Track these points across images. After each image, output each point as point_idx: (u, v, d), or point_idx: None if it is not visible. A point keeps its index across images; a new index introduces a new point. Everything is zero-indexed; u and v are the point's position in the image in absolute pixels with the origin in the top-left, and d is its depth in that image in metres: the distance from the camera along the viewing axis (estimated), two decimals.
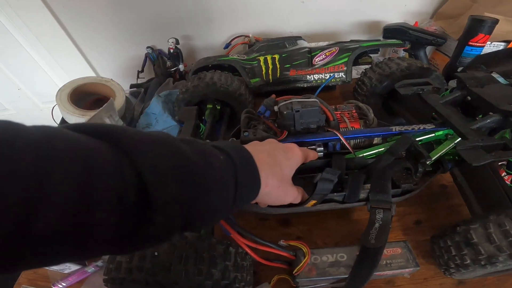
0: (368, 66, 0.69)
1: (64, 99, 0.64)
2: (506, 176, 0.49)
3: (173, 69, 0.90)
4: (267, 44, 0.74)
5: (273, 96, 0.49)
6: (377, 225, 0.36)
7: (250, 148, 0.29)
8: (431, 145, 0.45)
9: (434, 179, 0.52)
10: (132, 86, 0.90)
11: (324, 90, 0.70)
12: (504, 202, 0.40)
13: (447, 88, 0.67)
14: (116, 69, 0.99)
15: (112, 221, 0.16)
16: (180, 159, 0.20)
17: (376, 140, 0.46)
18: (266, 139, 0.37)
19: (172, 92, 0.76)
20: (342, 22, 0.96)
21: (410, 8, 0.95)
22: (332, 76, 0.74)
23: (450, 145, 0.42)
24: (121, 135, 0.19)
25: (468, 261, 0.36)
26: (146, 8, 0.86)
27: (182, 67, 0.90)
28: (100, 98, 0.74)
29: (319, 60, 0.72)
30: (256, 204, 0.40)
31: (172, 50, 0.88)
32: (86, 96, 0.73)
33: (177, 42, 0.87)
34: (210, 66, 0.70)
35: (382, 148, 0.43)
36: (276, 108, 0.46)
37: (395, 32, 0.80)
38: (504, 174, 0.49)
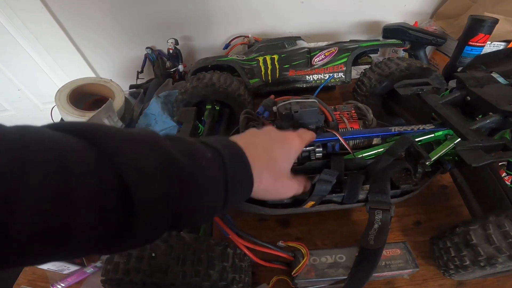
0: (367, 66, 0.69)
1: (63, 100, 0.64)
2: (506, 176, 0.49)
3: (172, 69, 0.90)
4: (266, 44, 0.74)
5: (272, 96, 0.49)
6: (376, 226, 0.36)
7: (243, 142, 0.27)
8: (431, 145, 0.45)
9: (434, 180, 0.52)
10: (131, 86, 0.90)
11: (323, 90, 0.70)
12: (504, 203, 0.40)
13: (447, 88, 0.66)
14: (115, 69, 0.99)
15: (92, 222, 0.16)
16: (163, 158, 0.20)
17: (376, 140, 0.46)
18: (263, 127, 0.35)
19: (172, 93, 0.76)
20: (341, 22, 0.96)
21: (410, 8, 0.95)
22: (331, 77, 0.74)
23: (450, 145, 0.42)
24: (101, 134, 0.18)
25: (467, 262, 0.36)
26: (146, 9, 0.86)
27: (181, 67, 0.90)
28: (99, 99, 0.74)
29: (318, 60, 0.72)
30: (254, 205, 0.40)
31: (171, 51, 0.88)
32: (85, 96, 0.73)
33: (176, 43, 0.87)
34: (209, 67, 0.70)
35: (382, 149, 0.43)
36: (275, 108, 0.46)
37: (395, 32, 0.79)
38: (504, 174, 0.49)
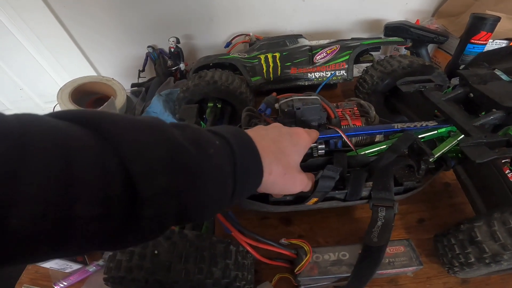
0: (369, 64, 0.68)
1: (65, 98, 0.64)
2: (510, 173, 0.48)
3: (174, 68, 0.90)
4: (268, 42, 0.74)
5: (274, 94, 0.48)
6: (379, 223, 0.36)
7: (252, 134, 0.27)
8: (434, 142, 0.45)
9: (437, 177, 0.52)
10: (133, 85, 0.91)
11: (325, 88, 0.69)
12: (509, 200, 0.40)
13: (449, 85, 0.66)
14: (117, 68, 0.99)
15: (95, 215, 0.15)
16: (170, 147, 0.19)
17: (378, 137, 0.45)
18: (270, 124, 0.34)
19: (173, 91, 0.76)
20: (343, 21, 0.96)
21: (412, 6, 0.95)
22: (333, 74, 0.74)
23: (453, 142, 0.42)
24: (105, 122, 0.17)
25: (472, 259, 0.36)
26: (147, 8, 0.86)
27: (183, 66, 0.90)
28: (101, 97, 0.74)
29: (320, 58, 0.72)
30: (257, 202, 0.40)
31: (173, 49, 0.88)
32: (87, 95, 0.73)
33: (177, 41, 0.87)
34: (211, 65, 0.70)
35: (384, 146, 0.43)
36: (277, 105, 0.45)
37: (396, 30, 0.79)
38: (508, 171, 0.49)
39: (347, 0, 0.91)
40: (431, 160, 0.38)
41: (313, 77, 0.74)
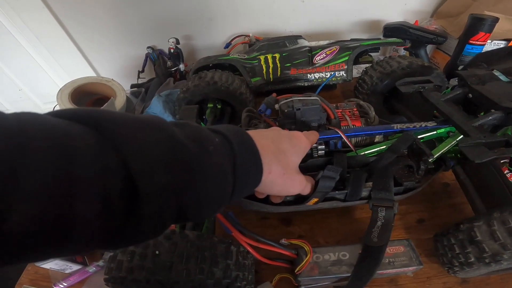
0: (368, 65, 0.69)
1: (65, 99, 0.64)
2: (509, 173, 0.49)
3: (173, 69, 0.90)
4: (267, 43, 0.74)
5: (274, 94, 0.49)
6: (379, 223, 0.36)
7: (252, 133, 0.27)
8: (433, 143, 0.45)
9: (436, 178, 0.52)
10: (132, 86, 0.91)
11: (324, 89, 0.70)
12: (508, 200, 0.40)
13: (448, 86, 0.66)
14: (116, 69, 0.99)
15: (96, 213, 0.15)
16: (170, 144, 0.19)
17: (378, 138, 0.45)
18: (270, 127, 0.35)
19: (173, 92, 0.76)
20: (342, 21, 0.96)
21: (410, 7, 0.95)
22: (332, 75, 0.74)
23: (452, 142, 0.42)
24: (105, 120, 0.17)
25: (472, 259, 0.36)
26: (147, 8, 0.86)
27: (182, 67, 0.90)
28: (100, 98, 0.74)
29: (319, 59, 0.72)
30: (257, 202, 0.40)
31: (172, 50, 0.88)
32: (87, 96, 0.73)
33: (177, 42, 0.87)
34: (211, 66, 0.70)
35: (384, 146, 0.43)
36: (277, 106, 0.46)
37: (396, 30, 0.79)
38: (507, 171, 0.49)
39: (347, 0, 0.91)
40: (430, 160, 0.38)
41: (312, 78, 0.75)
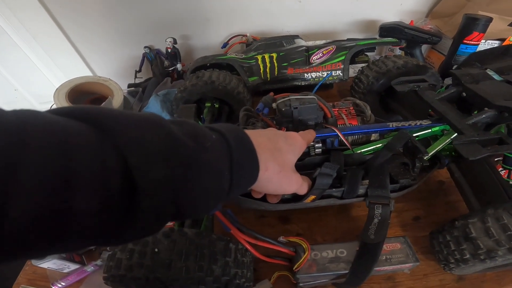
0: (364, 64, 0.69)
1: (62, 99, 0.64)
2: (502, 171, 0.49)
3: (171, 68, 0.90)
4: (264, 43, 0.74)
5: (271, 93, 0.49)
6: (376, 220, 0.37)
7: (248, 132, 0.27)
8: (428, 141, 0.46)
9: (432, 176, 0.53)
10: (130, 85, 0.90)
11: (321, 88, 0.70)
12: (502, 197, 0.41)
13: (443, 85, 0.67)
14: (113, 68, 0.98)
15: (94, 208, 0.15)
16: (168, 140, 0.19)
17: (374, 136, 0.46)
18: (267, 128, 0.35)
19: (170, 91, 0.75)
20: (339, 21, 0.97)
21: (406, 7, 0.96)
22: (329, 74, 0.74)
23: (447, 140, 0.43)
24: (103, 116, 0.18)
25: (467, 255, 0.37)
26: (144, 8, 0.86)
27: (180, 66, 0.90)
28: (98, 98, 0.74)
29: (316, 58, 0.73)
30: (255, 200, 0.40)
31: (170, 50, 0.88)
32: (84, 95, 0.73)
33: (174, 42, 0.87)
34: (208, 65, 0.70)
35: (380, 144, 0.43)
36: (274, 105, 0.46)
37: (391, 30, 0.80)
38: (500, 169, 0.50)
39: (343, 1, 0.92)
40: (425, 158, 0.39)
41: (309, 77, 0.75)
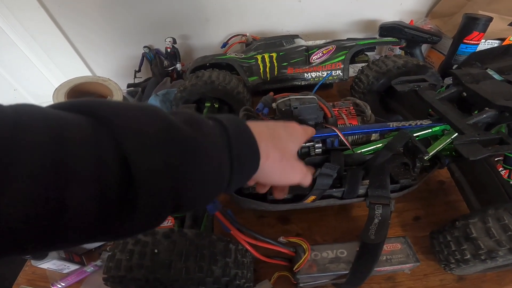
0: (364, 64, 0.69)
1: (61, 98, 0.64)
2: (503, 171, 0.49)
3: (170, 68, 0.90)
4: (264, 42, 0.74)
5: (271, 93, 0.49)
6: (376, 220, 0.37)
7: (247, 122, 0.27)
8: (428, 141, 0.46)
9: (432, 176, 0.52)
10: (129, 85, 0.90)
11: (321, 88, 0.70)
12: (502, 196, 0.41)
13: (443, 85, 0.67)
14: (113, 68, 0.98)
15: (91, 202, 0.15)
16: (164, 125, 0.19)
17: (374, 136, 0.46)
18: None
19: (170, 91, 0.75)
20: (338, 21, 0.97)
21: (406, 7, 0.96)
22: (329, 74, 0.74)
23: (447, 140, 0.43)
24: (102, 109, 0.17)
25: (468, 256, 0.37)
26: (143, 8, 0.85)
27: (179, 66, 0.90)
28: (97, 98, 0.74)
29: (316, 58, 0.73)
30: (254, 201, 0.40)
31: (169, 50, 0.88)
32: (83, 95, 0.72)
33: (174, 42, 0.87)
34: (208, 65, 0.70)
35: (380, 144, 0.43)
36: (274, 105, 0.46)
37: (391, 30, 0.80)
38: (501, 169, 0.50)
39: (343, 0, 0.92)
40: (426, 158, 0.39)
41: (309, 77, 0.75)
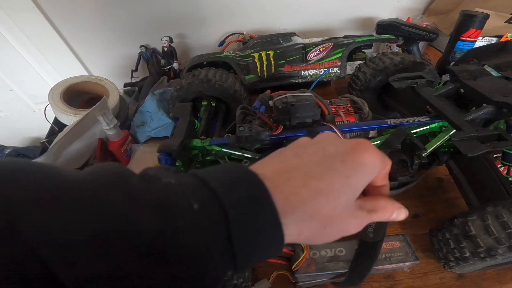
0: (362, 61, 0.69)
1: (57, 98, 0.63)
2: (502, 167, 0.49)
3: (167, 67, 0.89)
4: (261, 40, 0.74)
5: (268, 91, 0.48)
6: None
7: (271, 169, 0.18)
8: (426, 137, 0.45)
9: (430, 173, 0.52)
10: (126, 85, 0.90)
11: (318, 85, 0.69)
12: (501, 193, 0.40)
13: (440, 82, 0.67)
14: (109, 68, 0.97)
15: None
16: (106, 219, 0.14)
17: (372, 133, 0.46)
18: (316, 136, 0.23)
19: (167, 90, 0.75)
20: (335, 19, 0.97)
21: (403, 4, 0.96)
22: (326, 72, 0.74)
23: (445, 137, 0.43)
24: (18, 201, 0.13)
25: (467, 253, 0.36)
26: (139, 7, 0.85)
27: (176, 65, 0.89)
28: (93, 97, 0.73)
29: (313, 55, 0.72)
30: None
31: (166, 49, 0.87)
32: (79, 95, 0.72)
33: (171, 41, 0.86)
34: (205, 64, 0.70)
35: (378, 141, 0.43)
36: (271, 102, 0.45)
37: (388, 27, 0.80)
38: (500, 165, 0.50)
39: None
40: (424, 154, 0.39)
41: (306, 74, 0.75)
